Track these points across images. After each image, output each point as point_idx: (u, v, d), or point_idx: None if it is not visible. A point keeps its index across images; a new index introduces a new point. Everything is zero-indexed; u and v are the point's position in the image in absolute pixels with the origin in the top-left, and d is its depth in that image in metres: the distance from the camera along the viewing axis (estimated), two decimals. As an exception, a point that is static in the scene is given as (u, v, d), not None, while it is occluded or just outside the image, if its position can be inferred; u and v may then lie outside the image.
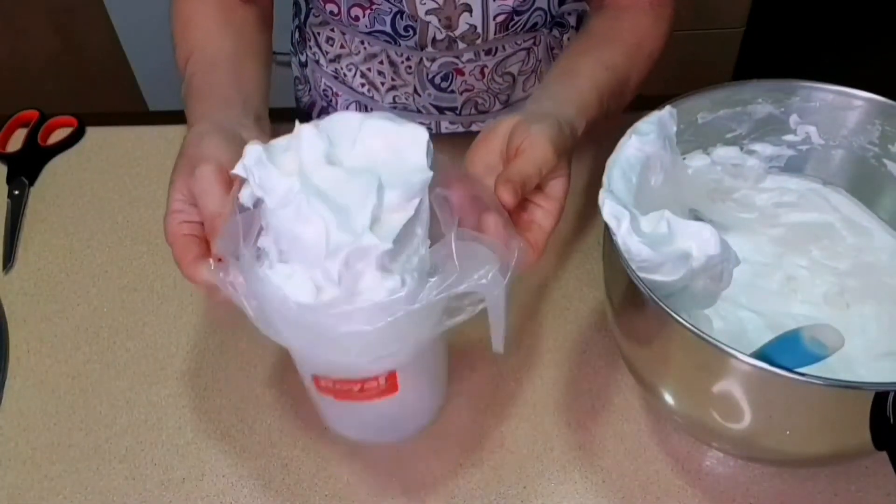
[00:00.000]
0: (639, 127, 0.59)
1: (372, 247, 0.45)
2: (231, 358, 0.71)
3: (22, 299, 0.76)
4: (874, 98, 0.61)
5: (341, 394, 0.56)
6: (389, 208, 0.46)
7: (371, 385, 0.55)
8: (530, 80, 0.87)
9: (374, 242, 0.45)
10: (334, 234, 0.44)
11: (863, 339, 0.62)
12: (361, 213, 0.45)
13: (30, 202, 0.84)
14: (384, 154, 0.49)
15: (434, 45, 0.80)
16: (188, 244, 0.54)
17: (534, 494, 0.62)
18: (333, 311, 0.45)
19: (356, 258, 0.45)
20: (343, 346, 0.47)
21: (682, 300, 0.55)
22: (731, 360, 0.48)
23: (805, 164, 0.67)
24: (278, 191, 0.46)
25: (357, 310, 0.45)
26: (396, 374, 0.55)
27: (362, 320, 0.45)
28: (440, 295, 0.46)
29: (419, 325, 0.49)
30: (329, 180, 0.47)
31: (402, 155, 0.48)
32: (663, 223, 0.54)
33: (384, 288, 0.45)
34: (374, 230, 0.45)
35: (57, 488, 0.63)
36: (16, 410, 0.68)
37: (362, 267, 0.45)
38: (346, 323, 0.45)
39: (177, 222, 0.55)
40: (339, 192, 0.46)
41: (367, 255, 0.45)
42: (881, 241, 0.64)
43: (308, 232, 0.45)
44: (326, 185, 0.46)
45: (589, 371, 0.68)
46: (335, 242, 0.44)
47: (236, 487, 0.63)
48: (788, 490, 0.61)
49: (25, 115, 0.92)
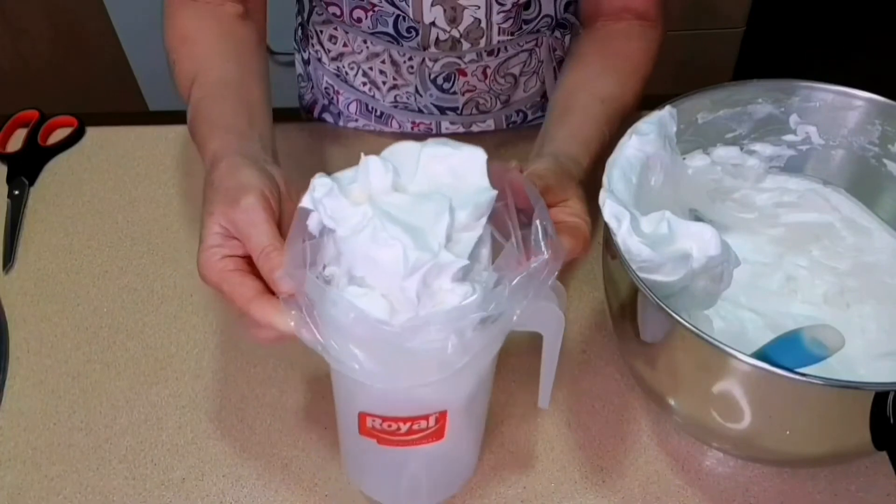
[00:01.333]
0: (639, 127, 0.59)
1: (449, 263, 0.45)
2: (231, 358, 0.71)
3: (22, 299, 0.76)
4: (874, 98, 0.61)
5: (385, 436, 0.53)
6: (459, 228, 0.47)
7: (419, 425, 0.53)
8: (532, 80, 0.87)
9: (451, 259, 0.45)
10: (412, 253, 0.45)
11: (863, 339, 0.62)
12: (436, 232, 0.46)
13: (30, 202, 0.84)
14: (447, 178, 0.49)
15: (437, 45, 0.80)
16: (242, 281, 0.50)
17: (534, 494, 0.62)
18: (411, 322, 0.45)
19: (433, 276, 0.46)
20: (420, 361, 0.47)
21: (682, 301, 0.55)
22: (731, 360, 0.48)
23: (805, 164, 0.67)
24: (351, 219, 0.46)
25: (433, 315, 0.45)
26: (447, 415, 0.53)
27: (438, 327, 0.45)
28: (512, 299, 0.47)
29: (491, 338, 0.49)
30: (399, 206, 0.47)
31: (464, 177, 0.49)
32: (664, 224, 0.54)
33: (458, 294, 0.46)
34: (448, 249, 0.46)
35: (57, 488, 0.63)
36: (16, 410, 0.68)
37: (438, 285, 0.46)
38: (422, 333, 0.45)
39: (217, 258, 0.52)
40: (410, 216, 0.47)
41: (443, 271, 0.46)
42: (881, 241, 0.64)
43: (385, 254, 0.45)
44: (397, 211, 0.47)
45: (589, 371, 0.68)
46: (413, 262, 0.45)
47: (236, 487, 0.63)
48: (788, 490, 0.61)
49: (25, 115, 0.92)
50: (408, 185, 0.49)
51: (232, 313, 0.74)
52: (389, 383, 0.48)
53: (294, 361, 0.70)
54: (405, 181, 0.50)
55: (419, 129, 0.89)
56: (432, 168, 0.49)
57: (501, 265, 0.48)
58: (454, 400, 0.53)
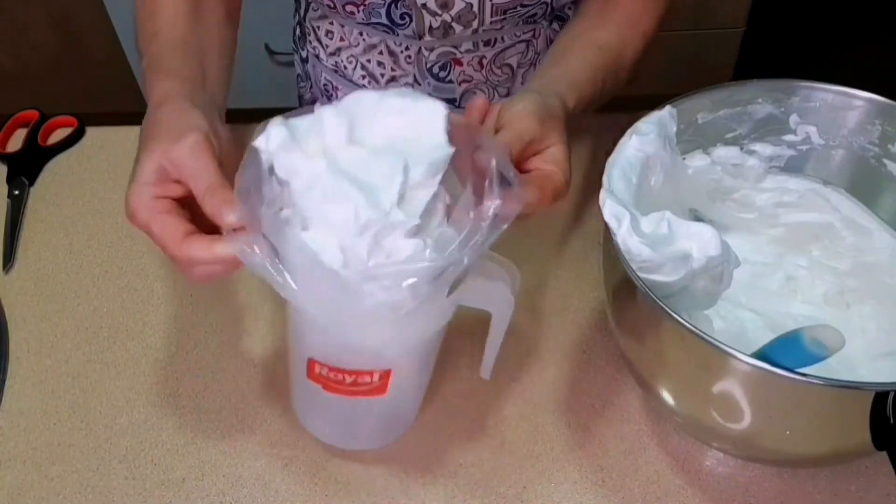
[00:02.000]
0: (639, 127, 0.59)
1: (400, 223, 0.45)
2: (231, 358, 0.71)
3: (22, 299, 0.76)
4: (874, 98, 0.61)
5: (331, 384, 0.56)
6: (413, 185, 0.47)
7: (364, 380, 0.55)
8: (530, 72, 0.87)
9: (402, 219, 0.45)
10: (363, 212, 0.45)
11: (863, 339, 0.62)
12: (388, 191, 0.46)
13: (30, 202, 0.84)
14: (404, 132, 0.49)
15: (431, 32, 0.79)
16: (176, 221, 0.50)
17: (534, 494, 0.62)
18: (363, 273, 0.46)
19: (384, 235, 0.46)
20: (369, 311, 0.48)
21: (682, 301, 0.55)
22: (731, 360, 0.48)
23: (805, 164, 0.67)
24: (305, 174, 0.46)
25: (383, 267, 0.46)
26: (391, 374, 0.55)
27: (389, 281, 0.46)
28: (465, 249, 0.47)
29: (441, 291, 0.49)
30: (353, 161, 0.47)
31: (422, 131, 0.49)
32: (664, 224, 0.54)
33: (409, 249, 0.46)
34: (401, 207, 0.46)
35: (57, 488, 0.63)
36: (16, 410, 0.68)
37: (390, 242, 0.46)
38: (375, 283, 0.46)
39: (149, 196, 0.50)
40: (364, 172, 0.46)
41: (395, 231, 0.46)
42: (881, 241, 0.64)
43: (337, 212, 0.45)
44: (351, 166, 0.47)
45: (589, 371, 0.68)
46: (364, 221, 0.45)
47: (236, 487, 0.63)
48: (788, 490, 0.61)
49: (25, 115, 0.92)
50: (365, 137, 0.49)
51: (232, 310, 0.74)
52: (336, 316, 0.49)
53: (294, 361, 0.70)
54: (362, 133, 0.49)
55: None
56: (390, 121, 0.49)
57: (456, 217, 0.48)
58: (400, 361, 0.55)
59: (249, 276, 0.76)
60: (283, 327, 0.71)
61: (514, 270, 0.54)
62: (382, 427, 0.64)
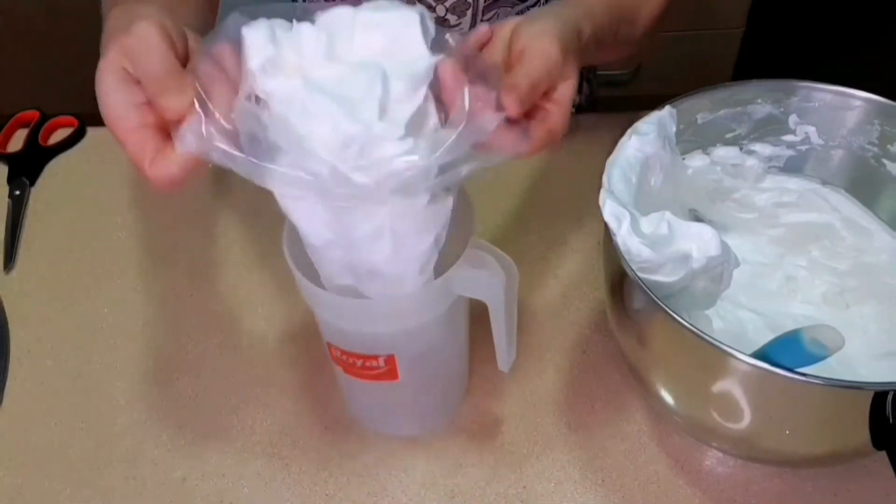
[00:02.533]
0: (639, 127, 0.59)
1: (384, 134, 0.44)
2: (231, 358, 0.71)
3: (22, 299, 0.76)
4: (874, 98, 0.61)
5: (347, 367, 0.57)
6: (397, 98, 0.45)
7: (372, 364, 0.56)
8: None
9: (384, 130, 0.44)
10: (344, 125, 0.43)
11: (863, 339, 0.62)
12: (368, 104, 0.44)
13: (30, 202, 0.84)
14: (383, 44, 0.47)
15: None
16: (145, 138, 0.45)
17: (534, 494, 0.62)
18: (355, 161, 0.44)
19: (370, 148, 0.44)
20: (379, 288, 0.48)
21: (682, 301, 0.55)
22: (731, 360, 0.48)
23: (804, 165, 0.67)
24: (281, 92, 0.45)
25: (375, 162, 0.44)
26: (396, 359, 0.56)
27: (378, 168, 0.44)
28: (456, 146, 0.44)
29: (434, 217, 0.48)
30: (332, 77, 0.45)
31: (402, 43, 0.46)
32: (664, 224, 0.54)
33: (399, 147, 0.44)
34: (384, 121, 0.44)
35: (57, 488, 0.63)
36: (16, 410, 0.68)
37: (380, 155, 0.44)
38: (363, 171, 0.44)
39: (123, 108, 0.45)
40: (343, 88, 0.45)
41: (381, 143, 0.44)
42: (881, 242, 0.64)
43: (317, 129, 0.44)
44: (330, 82, 0.45)
45: (589, 371, 0.69)
46: (345, 134, 0.43)
47: (236, 487, 0.63)
48: (788, 490, 0.61)
49: (26, 116, 0.92)
50: (343, 54, 0.47)
51: (232, 310, 0.74)
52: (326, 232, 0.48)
53: (295, 362, 0.70)
54: (341, 50, 0.47)
55: None
56: (368, 36, 0.47)
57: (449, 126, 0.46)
58: (401, 346, 0.55)
59: (249, 275, 0.76)
60: (291, 321, 0.71)
61: (509, 263, 0.54)
62: (418, 413, 0.65)
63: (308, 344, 0.71)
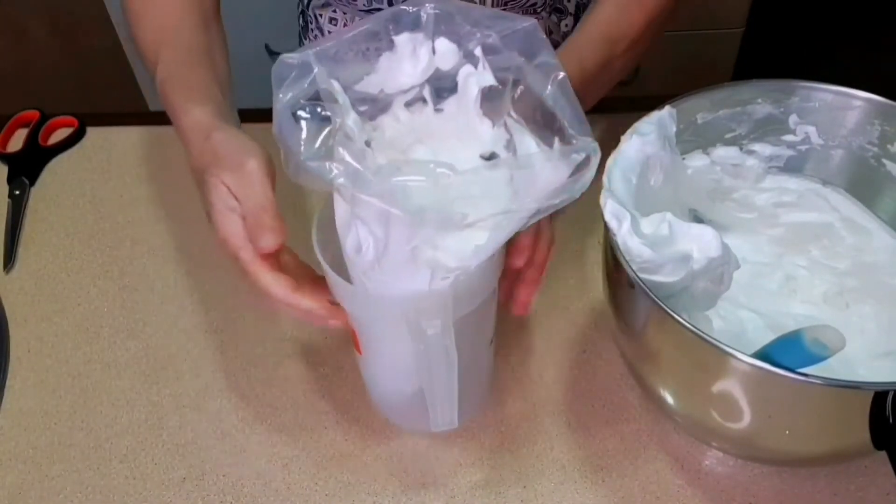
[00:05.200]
0: (639, 127, 0.59)
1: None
2: (231, 358, 0.71)
3: (22, 299, 0.76)
4: (873, 98, 0.61)
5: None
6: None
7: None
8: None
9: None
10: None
11: (863, 339, 0.62)
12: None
13: (30, 202, 0.84)
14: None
15: None
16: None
17: (534, 494, 0.62)
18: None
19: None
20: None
21: (682, 301, 0.55)
22: (731, 360, 0.48)
23: (804, 164, 0.67)
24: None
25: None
26: (356, 335, 0.56)
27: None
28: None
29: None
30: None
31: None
32: (664, 225, 0.54)
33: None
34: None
35: (57, 488, 0.63)
36: (16, 410, 0.68)
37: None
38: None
39: (238, 224, 0.53)
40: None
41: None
42: (881, 241, 0.64)
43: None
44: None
45: (589, 371, 0.69)
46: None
47: (236, 487, 0.63)
48: (788, 490, 0.61)
49: (26, 116, 0.92)
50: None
51: (232, 310, 0.74)
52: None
53: (294, 361, 0.70)
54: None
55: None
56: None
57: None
58: (362, 325, 0.56)
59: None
60: (291, 320, 0.71)
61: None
62: (398, 401, 0.64)
63: (308, 344, 0.71)
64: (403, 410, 0.64)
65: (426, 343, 0.51)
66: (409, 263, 0.48)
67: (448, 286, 0.49)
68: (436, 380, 0.54)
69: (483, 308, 0.55)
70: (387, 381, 0.62)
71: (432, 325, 0.50)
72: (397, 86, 0.52)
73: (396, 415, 0.65)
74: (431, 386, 0.55)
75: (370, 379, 0.64)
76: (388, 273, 0.49)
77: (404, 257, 0.48)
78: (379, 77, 0.51)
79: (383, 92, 0.51)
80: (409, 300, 0.50)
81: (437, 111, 0.53)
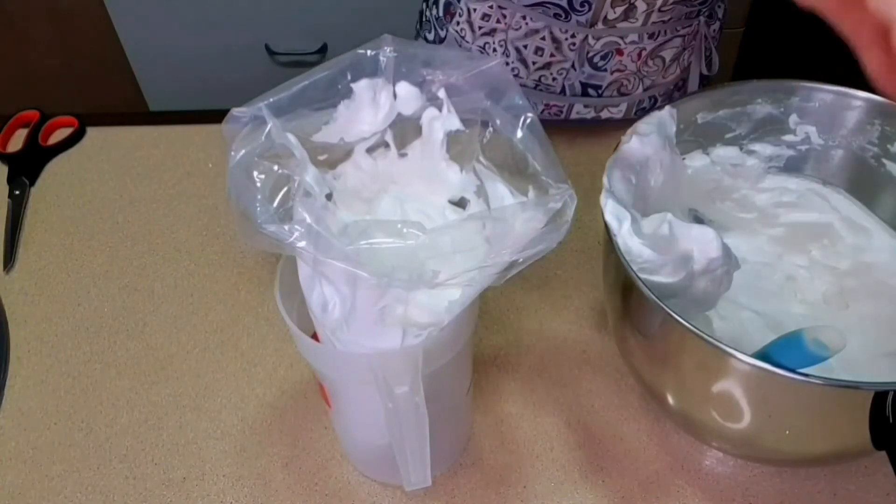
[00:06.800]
0: (639, 127, 0.59)
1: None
2: (231, 358, 0.71)
3: (22, 299, 0.76)
4: (874, 98, 0.61)
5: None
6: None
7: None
8: (673, 67, 0.86)
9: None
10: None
11: (863, 339, 0.62)
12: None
13: (30, 202, 0.84)
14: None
15: (605, 22, 0.79)
16: None
17: (534, 494, 0.62)
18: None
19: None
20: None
21: (682, 302, 0.55)
22: (731, 360, 0.48)
23: (804, 164, 0.67)
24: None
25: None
26: (325, 389, 0.54)
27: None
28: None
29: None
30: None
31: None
32: (665, 225, 0.54)
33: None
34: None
35: (57, 488, 0.63)
36: (16, 410, 0.68)
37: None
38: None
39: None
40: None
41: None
42: (881, 241, 0.65)
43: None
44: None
45: (589, 371, 0.69)
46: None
47: (236, 487, 0.63)
48: (788, 490, 0.61)
49: (26, 116, 0.92)
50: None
51: (232, 310, 0.74)
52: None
53: (294, 361, 0.70)
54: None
55: (550, 111, 0.89)
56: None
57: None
58: (331, 381, 0.54)
59: (250, 275, 0.76)
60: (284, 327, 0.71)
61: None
62: (366, 453, 0.62)
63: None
64: (376, 465, 0.62)
65: (395, 402, 0.48)
66: (379, 323, 0.46)
67: (419, 344, 0.46)
68: (406, 438, 0.50)
69: (458, 359, 0.53)
70: (357, 437, 0.60)
71: (401, 383, 0.47)
72: (358, 134, 0.49)
73: (370, 469, 0.63)
74: (402, 445, 0.51)
75: (341, 433, 0.62)
76: (356, 333, 0.47)
77: (374, 317, 0.46)
78: (338, 126, 0.49)
79: (343, 140, 0.49)
80: (376, 358, 0.47)
81: (402, 155, 0.50)
